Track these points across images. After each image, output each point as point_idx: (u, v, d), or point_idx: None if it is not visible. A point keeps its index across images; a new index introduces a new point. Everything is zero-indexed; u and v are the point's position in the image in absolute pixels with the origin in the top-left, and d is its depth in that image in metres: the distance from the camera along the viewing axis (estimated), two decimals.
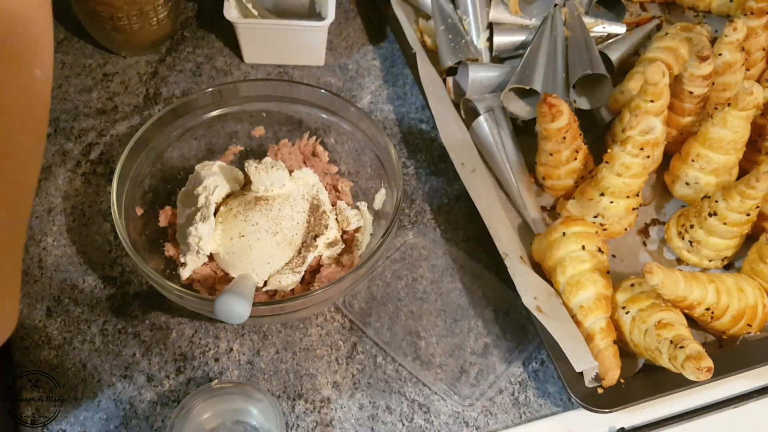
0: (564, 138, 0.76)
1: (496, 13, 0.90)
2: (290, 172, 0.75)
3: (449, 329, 0.73)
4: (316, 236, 0.72)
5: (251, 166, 0.72)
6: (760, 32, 0.85)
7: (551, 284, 0.73)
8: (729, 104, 0.74)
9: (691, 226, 0.76)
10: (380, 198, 0.76)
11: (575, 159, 0.78)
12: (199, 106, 0.77)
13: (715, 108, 0.79)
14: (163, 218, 0.74)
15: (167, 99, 0.89)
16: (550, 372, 0.71)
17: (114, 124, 0.86)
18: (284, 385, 0.69)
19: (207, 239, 0.70)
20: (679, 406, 0.69)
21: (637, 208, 0.78)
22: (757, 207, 0.73)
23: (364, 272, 0.67)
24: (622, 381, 0.67)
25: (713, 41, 0.89)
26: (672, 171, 0.81)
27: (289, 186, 0.73)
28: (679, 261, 0.79)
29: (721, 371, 0.67)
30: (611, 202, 0.75)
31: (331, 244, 0.73)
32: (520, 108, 0.84)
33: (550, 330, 0.66)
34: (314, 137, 0.80)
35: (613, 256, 0.78)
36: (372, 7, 1.00)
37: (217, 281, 0.71)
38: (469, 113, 0.85)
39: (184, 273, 0.70)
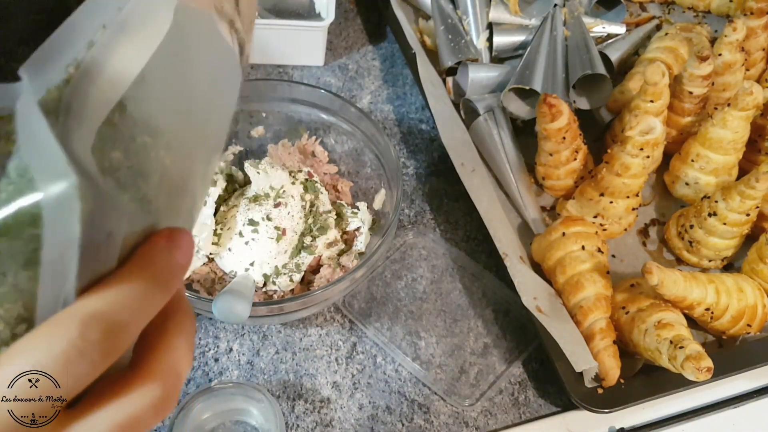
0: (564, 138, 0.76)
1: (496, 13, 0.90)
2: (290, 172, 0.75)
3: (449, 329, 0.73)
4: (316, 236, 0.72)
5: (251, 166, 0.72)
6: (759, 32, 0.85)
7: (551, 284, 0.73)
8: (729, 104, 0.74)
9: (691, 227, 0.76)
10: (380, 198, 0.76)
11: (575, 159, 0.78)
12: None
13: (715, 108, 0.79)
14: None
15: None
16: (550, 372, 0.71)
17: None
18: (284, 385, 0.69)
19: (206, 239, 0.70)
20: (679, 406, 0.69)
21: (637, 208, 0.78)
22: (757, 207, 0.73)
23: (364, 272, 0.67)
24: (621, 381, 0.67)
25: (713, 41, 0.89)
26: (672, 171, 0.81)
27: (289, 186, 0.73)
28: (679, 261, 0.79)
29: (721, 371, 0.67)
30: (611, 202, 0.75)
31: (331, 244, 0.73)
32: (520, 108, 0.84)
33: (550, 330, 0.66)
34: (314, 137, 0.80)
35: (613, 256, 0.78)
36: (372, 7, 1.00)
37: (217, 281, 0.71)
38: (469, 113, 0.85)
39: None
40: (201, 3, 0.34)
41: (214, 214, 0.72)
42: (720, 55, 0.80)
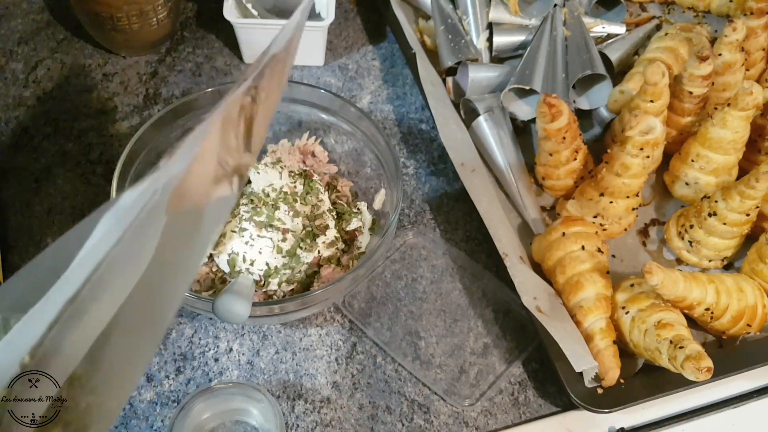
0: (564, 138, 0.76)
1: (496, 14, 0.90)
2: (290, 172, 0.75)
3: (449, 329, 0.73)
4: (316, 236, 0.72)
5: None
6: (759, 32, 0.85)
7: (551, 284, 0.73)
8: (729, 104, 0.74)
9: (691, 226, 0.76)
10: (380, 198, 0.76)
11: (575, 159, 0.78)
12: (199, 106, 0.77)
13: (715, 108, 0.79)
14: None
15: (167, 99, 0.89)
16: (550, 372, 0.71)
17: (114, 124, 0.86)
18: (284, 385, 0.69)
19: None
20: (679, 406, 0.69)
21: (637, 208, 0.78)
22: (757, 207, 0.73)
23: (364, 272, 0.67)
24: (621, 381, 0.67)
25: (713, 41, 0.89)
26: (672, 171, 0.81)
27: (288, 186, 0.73)
28: (679, 261, 0.79)
29: (721, 371, 0.67)
30: (611, 202, 0.75)
31: (330, 244, 0.73)
32: (520, 108, 0.84)
33: (550, 330, 0.66)
34: (314, 137, 0.80)
35: (613, 256, 0.78)
36: (372, 7, 1.00)
37: (217, 281, 0.71)
38: (468, 113, 0.85)
39: None
40: (197, 198, 0.30)
41: None
42: (720, 55, 0.80)
